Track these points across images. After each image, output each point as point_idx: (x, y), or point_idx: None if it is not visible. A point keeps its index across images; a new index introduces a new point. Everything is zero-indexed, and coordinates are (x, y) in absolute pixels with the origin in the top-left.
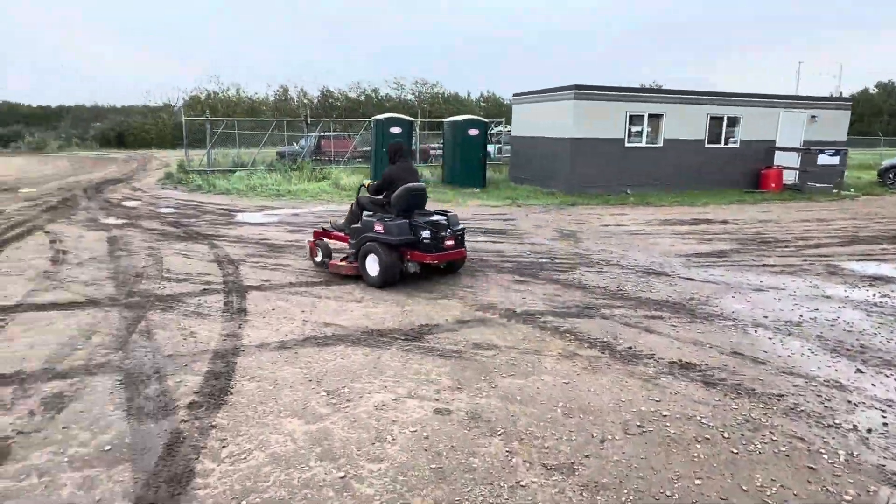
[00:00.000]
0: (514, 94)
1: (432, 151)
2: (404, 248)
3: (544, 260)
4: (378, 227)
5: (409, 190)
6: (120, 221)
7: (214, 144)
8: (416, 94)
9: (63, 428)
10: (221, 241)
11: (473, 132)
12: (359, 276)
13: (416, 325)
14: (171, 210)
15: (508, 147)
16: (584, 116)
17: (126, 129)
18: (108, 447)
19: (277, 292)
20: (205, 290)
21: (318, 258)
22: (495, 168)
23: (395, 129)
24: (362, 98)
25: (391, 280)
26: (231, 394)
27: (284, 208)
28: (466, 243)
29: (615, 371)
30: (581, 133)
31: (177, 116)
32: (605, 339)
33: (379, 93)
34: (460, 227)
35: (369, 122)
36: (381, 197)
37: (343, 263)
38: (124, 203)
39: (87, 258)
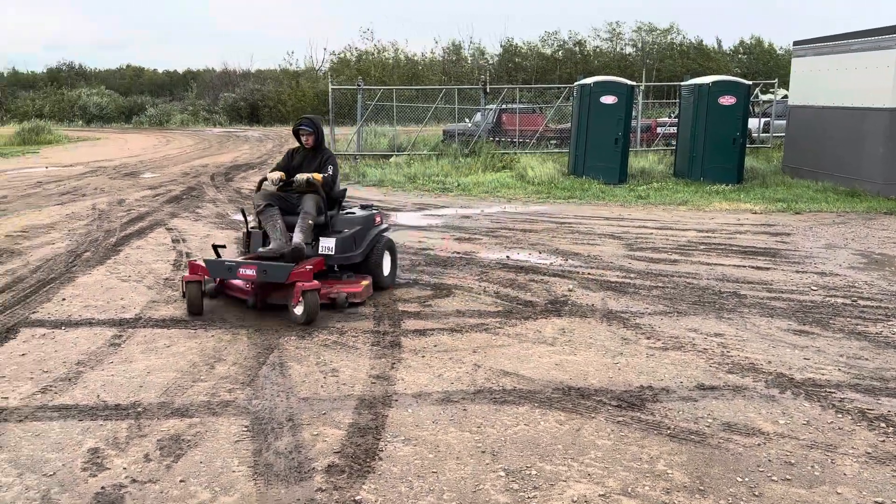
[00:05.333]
0: (796, 43)
1: (661, 129)
2: None
3: (841, 300)
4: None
5: None
6: (250, 218)
7: (366, 120)
8: (639, 45)
9: (180, 481)
10: None
11: (726, 100)
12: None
13: (633, 387)
14: None
15: (782, 122)
16: None
17: (260, 101)
18: None
19: (441, 322)
20: (349, 313)
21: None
22: (759, 154)
23: (609, 99)
24: (560, 54)
25: None
26: (380, 459)
27: (451, 207)
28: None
29: None
30: None
31: (319, 84)
32: None
33: (585, 46)
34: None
35: (570, 88)
36: None
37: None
38: None
39: None
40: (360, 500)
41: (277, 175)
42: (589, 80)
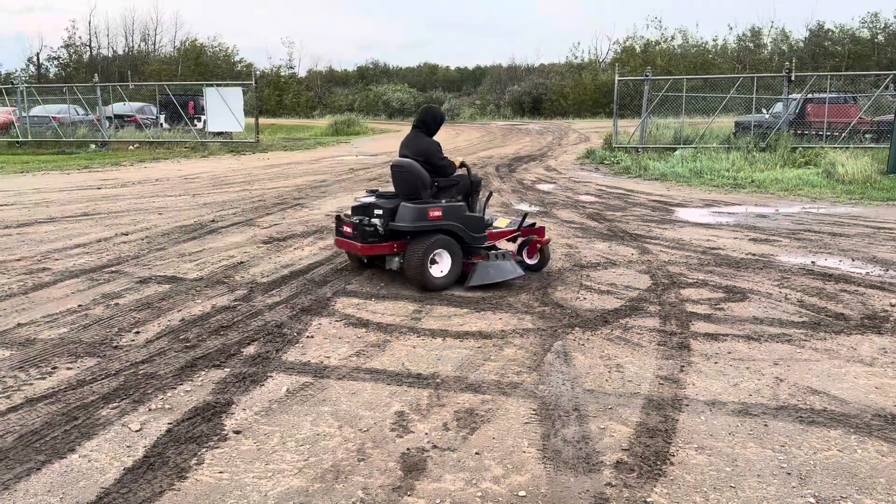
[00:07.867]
0: None
1: None
2: None
3: None
4: None
5: (391, 167)
6: (534, 209)
7: (651, 112)
8: None
9: (476, 453)
10: (654, 244)
11: None
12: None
13: None
14: (592, 199)
15: None
16: None
17: (543, 94)
18: (522, 493)
19: (735, 328)
20: (633, 308)
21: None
22: None
23: None
24: (880, 38)
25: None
26: (671, 464)
27: (743, 205)
28: None
29: None
30: None
31: (600, 76)
32: None
33: None
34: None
35: (894, 75)
36: None
37: None
38: (538, 186)
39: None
40: (651, 502)
41: None
42: None
